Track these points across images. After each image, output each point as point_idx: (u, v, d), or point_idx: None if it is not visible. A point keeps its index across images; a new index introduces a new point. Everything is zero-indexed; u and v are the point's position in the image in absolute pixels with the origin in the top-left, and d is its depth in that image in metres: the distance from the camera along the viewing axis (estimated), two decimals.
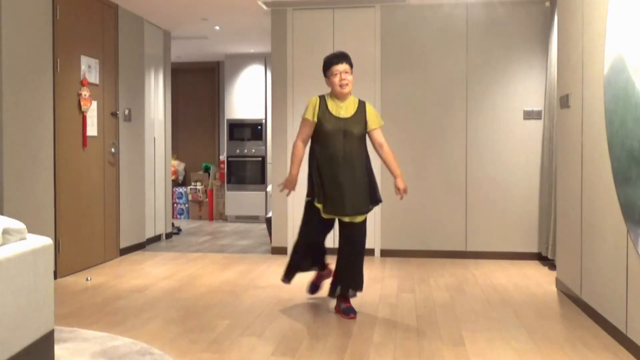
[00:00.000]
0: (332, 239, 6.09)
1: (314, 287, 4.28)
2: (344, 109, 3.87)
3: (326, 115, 3.85)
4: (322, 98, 3.93)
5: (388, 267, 5.52)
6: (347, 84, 3.85)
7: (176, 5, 6.14)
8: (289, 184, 3.96)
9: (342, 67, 3.86)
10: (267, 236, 6.80)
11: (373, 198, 3.92)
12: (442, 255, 5.95)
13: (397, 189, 3.94)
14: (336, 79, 3.86)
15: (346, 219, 3.88)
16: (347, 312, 3.85)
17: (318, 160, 3.86)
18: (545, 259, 5.62)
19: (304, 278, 4.95)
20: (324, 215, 3.88)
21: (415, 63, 6.01)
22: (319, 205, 3.85)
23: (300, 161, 3.95)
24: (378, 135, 3.94)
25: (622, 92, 3.18)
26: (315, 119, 3.86)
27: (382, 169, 6.01)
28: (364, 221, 3.94)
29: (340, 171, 3.79)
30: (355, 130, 3.83)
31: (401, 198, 3.98)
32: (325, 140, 3.85)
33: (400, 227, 6.04)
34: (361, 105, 3.93)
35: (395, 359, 3.07)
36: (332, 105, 3.88)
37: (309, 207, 3.94)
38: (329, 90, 3.97)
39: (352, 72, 3.91)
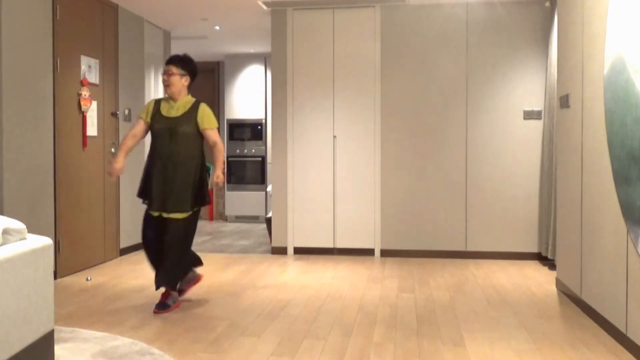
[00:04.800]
0: (331, 239, 6.10)
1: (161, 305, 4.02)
2: (175, 109, 4.04)
3: (157, 116, 4.04)
4: (157, 100, 4.14)
5: (388, 267, 5.52)
6: (168, 85, 4.03)
7: (176, 5, 6.14)
8: (112, 170, 4.08)
9: (168, 67, 4.06)
10: (267, 236, 6.81)
11: (197, 199, 4.05)
12: (442, 255, 5.95)
13: (216, 180, 4.12)
14: (163, 78, 4.08)
15: (164, 215, 3.99)
16: (157, 305, 3.98)
17: (149, 158, 4.08)
18: (545, 259, 5.62)
19: (301, 278, 4.98)
20: (152, 212, 4.04)
21: (415, 63, 6.01)
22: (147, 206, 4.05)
23: (126, 150, 4.07)
24: (211, 135, 4.10)
25: (622, 92, 3.18)
26: (148, 119, 4.07)
27: (382, 172, 6.02)
28: (185, 220, 4.01)
29: (164, 169, 3.97)
30: (182, 129, 3.99)
31: (217, 185, 4.12)
32: (155, 139, 4.04)
33: (400, 227, 6.04)
34: (195, 105, 4.07)
35: (395, 359, 3.07)
36: (164, 106, 4.08)
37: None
38: (322, 91, 3.98)
39: (182, 75, 4.05)
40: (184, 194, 3.98)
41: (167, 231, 3.98)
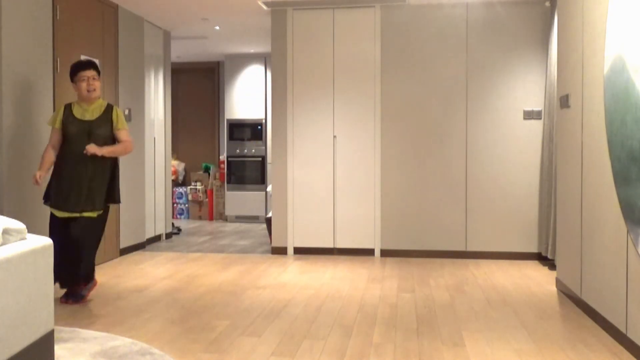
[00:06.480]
0: (331, 239, 6.10)
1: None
2: (90, 113, 4.20)
3: (69, 119, 4.16)
4: (67, 105, 4.24)
5: (388, 267, 5.52)
6: (94, 89, 4.20)
7: (176, 5, 6.14)
8: (35, 180, 4.12)
9: (90, 73, 4.19)
10: (267, 236, 6.81)
11: (109, 197, 4.27)
12: (442, 255, 5.95)
13: (88, 147, 4.09)
14: (84, 84, 4.18)
15: (77, 214, 4.12)
16: (71, 297, 4.15)
17: (59, 160, 4.17)
18: (545, 259, 5.62)
19: (301, 278, 4.95)
20: (58, 214, 4.15)
21: (415, 63, 6.01)
22: (52, 209, 4.16)
23: (48, 164, 4.18)
24: (124, 134, 4.28)
25: (622, 92, 3.18)
26: (58, 125, 4.18)
27: (382, 172, 6.02)
28: (99, 217, 4.22)
29: (82, 170, 4.10)
30: (99, 132, 4.16)
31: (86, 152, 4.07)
32: (69, 142, 4.14)
33: (400, 227, 6.04)
34: (108, 108, 4.27)
35: (395, 359, 3.07)
36: (77, 110, 4.21)
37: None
38: (322, 91, 3.95)
39: (99, 79, 4.25)
40: (99, 193, 4.18)
41: (79, 228, 4.11)
